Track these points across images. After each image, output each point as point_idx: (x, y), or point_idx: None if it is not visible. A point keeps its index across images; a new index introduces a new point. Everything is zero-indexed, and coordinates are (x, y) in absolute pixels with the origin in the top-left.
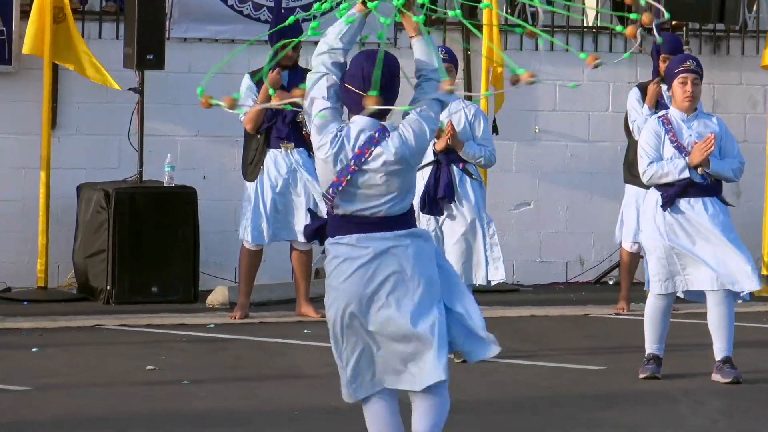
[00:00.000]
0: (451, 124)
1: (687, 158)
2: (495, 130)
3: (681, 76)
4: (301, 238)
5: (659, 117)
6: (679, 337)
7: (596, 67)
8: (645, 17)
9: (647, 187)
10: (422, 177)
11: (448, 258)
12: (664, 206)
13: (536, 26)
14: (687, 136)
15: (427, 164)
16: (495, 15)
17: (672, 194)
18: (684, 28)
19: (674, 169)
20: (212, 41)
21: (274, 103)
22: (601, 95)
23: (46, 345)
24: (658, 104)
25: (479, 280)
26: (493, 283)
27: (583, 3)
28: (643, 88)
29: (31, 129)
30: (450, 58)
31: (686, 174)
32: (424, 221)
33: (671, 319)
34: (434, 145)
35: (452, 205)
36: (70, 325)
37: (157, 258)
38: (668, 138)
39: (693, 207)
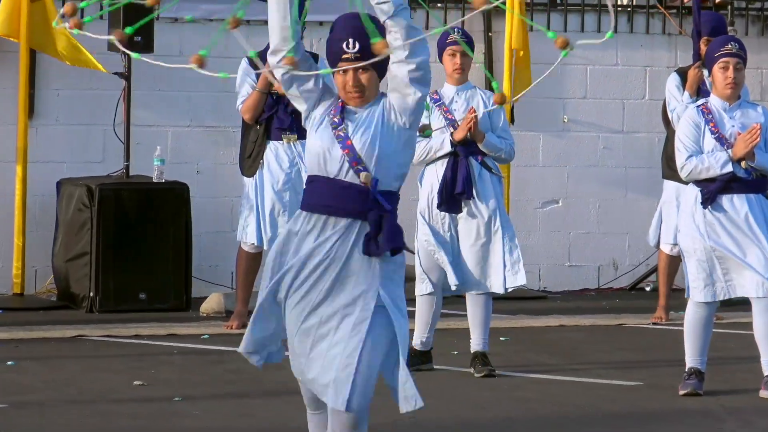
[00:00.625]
0: (474, 112)
1: (729, 151)
2: (511, 119)
3: (722, 60)
4: None
5: (698, 106)
6: (723, 350)
7: (566, 47)
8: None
9: (688, 182)
10: (435, 170)
11: (465, 261)
12: (704, 203)
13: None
14: (729, 126)
15: (442, 156)
16: None
17: (713, 190)
18: (729, 7)
19: (716, 163)
20: (206, 21)
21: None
22: (636, 81)
23: (22, 358)
24: (700, 91)
25: (496, 287)
26: (510, 290)
27: None
28: (683, 74)
29: (6, 118)
30: (467, 41)
31: (729, 168)
32: (438, 220)
33: (714, 330)
34: (452, 135)
35: (470, 201)
36: (48, 336)
37: (146, 261)
38: (708, 129)
39: (735, 204)
